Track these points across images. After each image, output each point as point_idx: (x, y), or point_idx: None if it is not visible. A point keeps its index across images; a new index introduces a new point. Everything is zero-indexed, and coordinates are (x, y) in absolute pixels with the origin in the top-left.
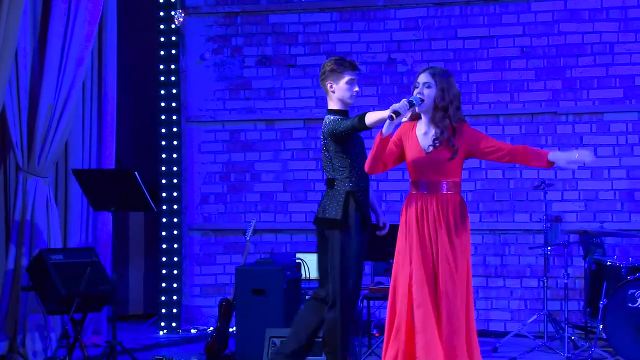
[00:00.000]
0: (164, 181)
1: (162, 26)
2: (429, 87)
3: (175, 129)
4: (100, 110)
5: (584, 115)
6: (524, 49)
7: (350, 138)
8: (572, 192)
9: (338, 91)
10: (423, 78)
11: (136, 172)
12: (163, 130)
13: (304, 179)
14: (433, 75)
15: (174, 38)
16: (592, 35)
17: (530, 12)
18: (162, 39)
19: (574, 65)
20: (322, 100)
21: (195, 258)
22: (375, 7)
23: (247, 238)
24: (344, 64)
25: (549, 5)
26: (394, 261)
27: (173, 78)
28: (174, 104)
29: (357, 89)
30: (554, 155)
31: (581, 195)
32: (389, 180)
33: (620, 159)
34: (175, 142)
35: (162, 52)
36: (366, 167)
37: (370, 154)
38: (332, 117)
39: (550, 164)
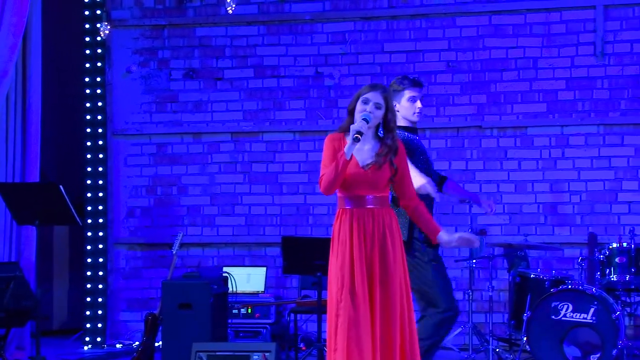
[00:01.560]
0: (89, 195)
1: (87, 39)
2: (379, 108)
3: (101, 142)
4: (24, 123)
5: (508, 129)
6: (450, 64)
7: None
8: (496, 205)
9: (401, 109)
10: (375, 97)
11: (61, 186)
12: (89, 143)
13: (231, 193)
14: (384, 95)
15: (99, 50)
16: (516, 50)
17: (455, 27)
18: (87, 52)
19: (498, 79)
20: (249, 114)
21: (121, 272)
22: (303, 21)
23: (174, 252)
24: (404, 82)
25: (473, 20)
26: (329, 278)
27: (99, 91)
28: (99, 117)
29: (419, 105)
30: (441, 236)
31: (506, 208)
32: (316, 194)
33: (543, 173)
34: (101, 155)
35: (87, 65)
36: (324, 189)
37: (329, 176)
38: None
39: (435, 240)
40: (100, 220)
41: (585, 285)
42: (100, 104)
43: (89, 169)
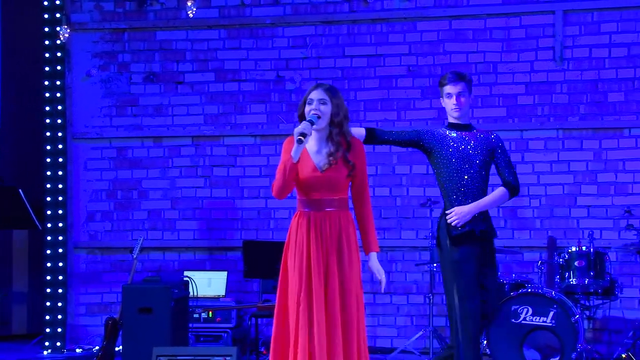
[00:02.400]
0: (49, 199)
1: (47, 42)
2: (324, 103)
3: (60, 146)
4: None
5: None
6: (410, 68)
7: (433, 160)
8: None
9: (445, 105)
10: (317, 94)
11: (20, 190)
12: (48, 147)
13: (192, 197)
14: (327, 91)
15: (59, 54)
16: (476, 55)
17: (416, 32)
18: (47, 55)
19: None
20: (210, 118)
21: (80, 276)
22: (264, 25)
23: (134, 256)
24: (442, 78)
25: (434, 25)
26: (280, 280)
27: (58, 94)
28: (59, 121)
29: (454, 101)
30: (372, 256)
31: None
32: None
33: None
34: (60, 159)
35: (47, 69)
36: (275, 194)
37: (278, 181)
38: None
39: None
40: (60, 225)
41: (545, 288)
42: (60, 107)
43: (48, 173)
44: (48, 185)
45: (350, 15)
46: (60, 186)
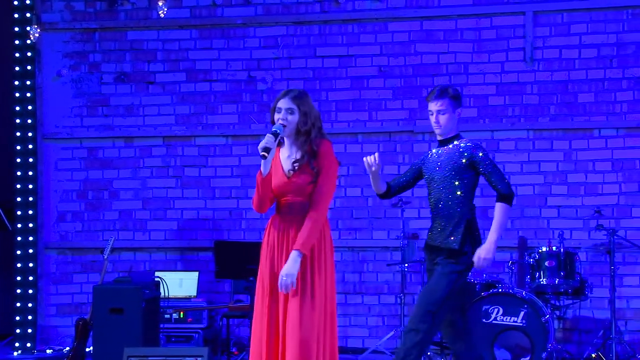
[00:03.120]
0: (19, 199)
1: (17, 42)
2: (291, 113)
3: (31, 146)
4: None
5: None
6: (382, 69)
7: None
8: (428, 210)
9: None
10: (284, 103)
11: None
12: (18, 147)
13: (164, 197)
14: (294, 99)
15: (29, 54)
16: (447, 56)
17: (387, 32)
18: (17, 55)
19: (430, 84)
20: (182, 118)
21: (51, 277)
22: (235, 25)
23: (105, 256)
24: (429, 94)
25: (405, 25)
26: (257, 281)
27: (29, 94)
28: (29, 121)
29: (434, 119)
30: (293, 254)
31: None
32: (248, 198)
33: None
34: (31, 160)
35: (17, 68)
36: (256, 209)
37: (255, 197)
38: None
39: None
40: (31, 225)
41: (516, 288)
42: (30, 107)
43: (18, 173)
44: (18, 186)
45: (322, 16)
46: (30, 186)
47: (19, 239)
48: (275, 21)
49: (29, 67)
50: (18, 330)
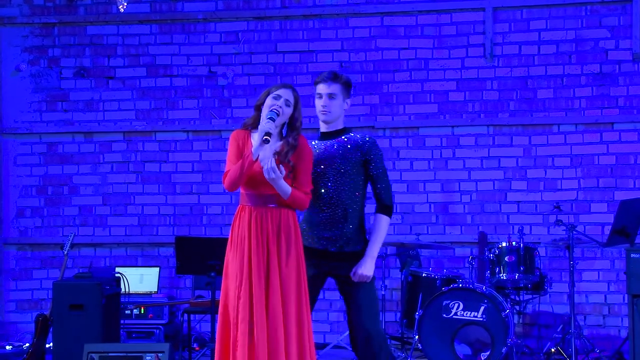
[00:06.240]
0: None
1: None
2: (288, 105)
3: None
4: None
5: (400, 129)
6: (343, 64)
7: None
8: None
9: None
10: (286, 94)
11: None
12: None
13: (124, 192)
14: (295, 96)
15: None
16: (407, 52)
17: (348, 28)
18: None
19: (390, 80)
20: (142, 113)
21: (10, 273)
22: (195, 20)
23: (65, 252)
24: (317, 77)
25: (366, 21)
26: (224, 276)
27: None
28: None
29: (322, 103)
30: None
31: (398, 208)
32: (209, 194)
33: (435, 173)
34: None
35: None
36: (228, 186)
37: (234, 175)
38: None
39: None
40: None
41: (476, 284)
42: None
43: None
44: None
45: (283, 11)
46: None
47: None
48: (236, 16)
49: None
50: None
